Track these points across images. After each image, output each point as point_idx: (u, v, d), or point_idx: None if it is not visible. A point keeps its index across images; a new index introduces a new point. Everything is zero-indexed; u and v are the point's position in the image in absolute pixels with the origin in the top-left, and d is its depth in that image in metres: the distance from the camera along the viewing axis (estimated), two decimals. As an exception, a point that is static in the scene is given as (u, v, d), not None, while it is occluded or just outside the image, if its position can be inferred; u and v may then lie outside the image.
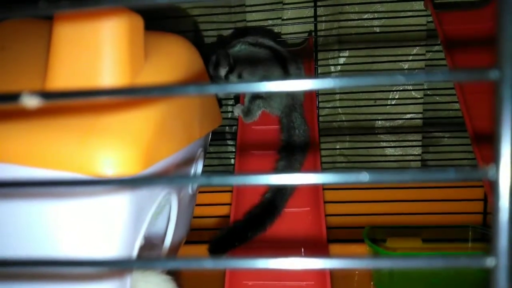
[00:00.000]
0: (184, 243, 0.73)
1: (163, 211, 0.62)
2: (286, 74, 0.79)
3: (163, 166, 0.49)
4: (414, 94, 1.00)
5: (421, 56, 0.99)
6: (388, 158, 1.02)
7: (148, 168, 0.43)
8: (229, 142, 1.10)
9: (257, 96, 0.80)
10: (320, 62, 0.99)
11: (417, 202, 0.87)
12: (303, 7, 0.99)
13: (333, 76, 0.56)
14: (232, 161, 1.07)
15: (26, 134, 0.41)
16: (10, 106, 0.26)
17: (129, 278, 0.49)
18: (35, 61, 0.49)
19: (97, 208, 0.42)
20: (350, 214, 0.88)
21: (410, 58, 0.99)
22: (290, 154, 0.74)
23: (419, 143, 1.01)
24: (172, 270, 0.56)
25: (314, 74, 0.91)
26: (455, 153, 0.99)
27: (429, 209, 0.87)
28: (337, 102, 1.06)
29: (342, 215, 0.87)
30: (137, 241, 0.48)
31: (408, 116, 1.01)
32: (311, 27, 0.98)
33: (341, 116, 1.06)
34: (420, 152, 1.01)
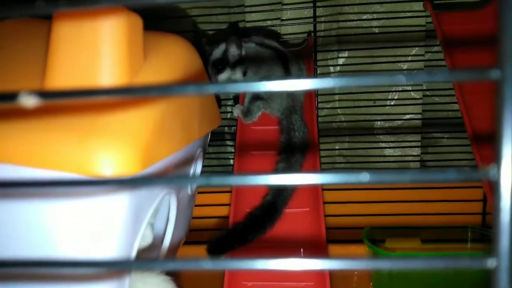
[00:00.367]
0: (183, 244, 0.73)
1: (163, 211, 0.62)
2: (288, 75, 0.79)
3: (162, 167, 0.49)
4: (413, 95, 1.00)
5: (420, 57, 0.99)
6: (387, 159, 1.02)
7: (147, 168, 0.43)
8: (228, 143, 1.10)
9: (258, 97, 0.80)
10: (320, 63, 0.99)
11: (416, 203, 0.87)
12: (302, 8, 0.99)
13: (333, 76, 0.56)
14: (231, 162, 1.07)
15: (25, 134, 0.41)
16: (9, 106, 0.26)
17: (128, 279, 0.48)
18: (34, 61, 0.49)
19: (96, 209, 0.42)
20: (349, 215, 0.87)
21: (409, 59, 0.99)
22: (290, 156, 0.73)
23: (418, 144, 1.01)
24: (171, 271, 0.56)
25: (314, 75, 0.91)
26: (454, 154, 0.99)
27: (428, 210, 0.87)
28: (337, 103, 1.06)
29: (342, 216, 0.87)
30: (136, 242, 0.48)
31: (407, 117, 1.01)
32: (311, 28, 0.98)
33: (340, 117, 1.06)
34: (419, 153, 1.01)
